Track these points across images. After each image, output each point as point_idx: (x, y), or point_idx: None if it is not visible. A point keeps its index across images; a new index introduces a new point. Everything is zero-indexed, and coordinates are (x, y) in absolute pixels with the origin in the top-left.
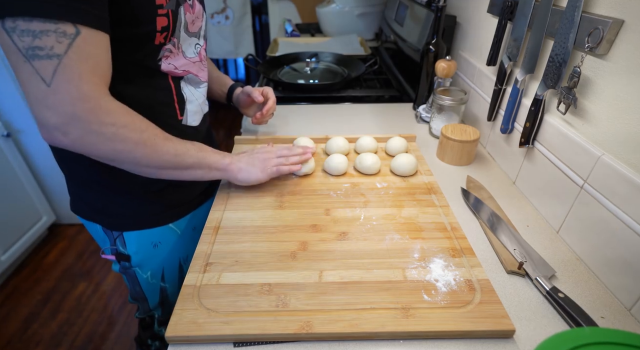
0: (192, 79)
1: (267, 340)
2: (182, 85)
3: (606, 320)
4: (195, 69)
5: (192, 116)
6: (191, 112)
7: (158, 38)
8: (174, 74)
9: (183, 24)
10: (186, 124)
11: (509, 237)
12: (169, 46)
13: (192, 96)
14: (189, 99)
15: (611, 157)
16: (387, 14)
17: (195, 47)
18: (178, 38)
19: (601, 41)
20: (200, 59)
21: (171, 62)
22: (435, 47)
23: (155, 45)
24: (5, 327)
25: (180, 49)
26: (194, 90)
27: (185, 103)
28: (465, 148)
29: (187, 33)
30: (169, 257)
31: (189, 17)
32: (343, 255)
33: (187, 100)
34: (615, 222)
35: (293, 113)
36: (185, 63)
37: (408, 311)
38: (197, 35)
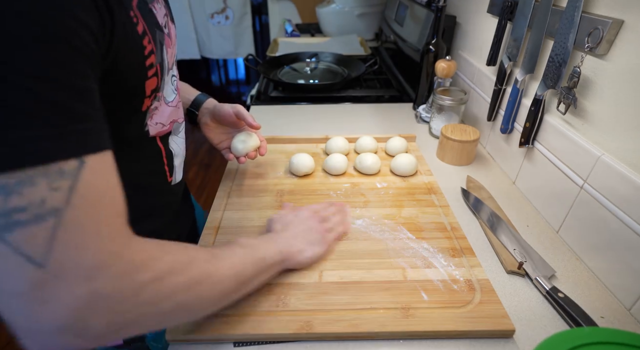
0: (176, 127)
1: (267, 340)
2: (169, 141)
3: (606, 320)
4: (177, 114)
5: (178, 172)
6: (178, 167)
7: (146, 103)
8: (161, 133)
9: (166, 67)
10: (175, 183)
11: (508, 237)
12: (154, 104)
13: (178, 147)
14: (175, 153)
15: (611, 157)
16: (387, 14)
17: (172, 82)
18: (163, 88)
19: (601, 41)
20: (178, 94)
21: (158, 120)
22: (435, 47)
23: (142, 112)
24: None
25: (162, 98)
26: (177, 139)
27: (173, 159)
28: (465, 148)
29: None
30: None
31: (170, 54)
32: (343, 255)
33: (174, 156)
34: (615, 222)
35: (293, 113)
36: (170, 112)
37: (408, 311)
38: (172, 66)
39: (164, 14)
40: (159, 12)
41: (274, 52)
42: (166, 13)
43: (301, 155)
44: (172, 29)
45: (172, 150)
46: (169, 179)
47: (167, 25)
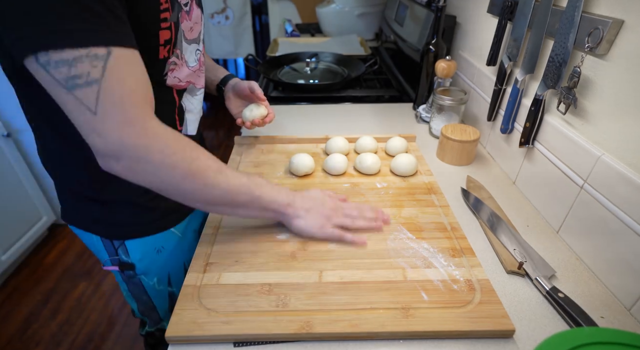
0: (192, 88)
1: (267, 340)
2: (184, 97)
3: (606, 320)
4: (194, 78)
5: (191, 125)
6: (190, 121)
7: (162, 52)
8: (178, 87)
9: (182, 34)
10: (185, 133)
11: (508, 237)
12: (173, 59)
13: (191, 105)
14: (188, 109)
15: (611, 157)
16: (387, 14)
17: (196, 54)
18: (181, 49)
19: (601, 41)
20: (200, 65)
21: (176, 75)
22: (435, 47)
23: (159, 59)
24: (6, 327)
25: (184, 60)
26: (192, 99)
27: (185, 113)
28: (465, 148)
29: (187, 41)
30: (174, 262)
31: (185, 25)
32: (343, 255)
33: (186, 110)
34: (615, 222)
35: (293, 113)
36: (188, 74)
37: (408, 311)
38: (197, 41)
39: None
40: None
41: (274, 52)
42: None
43: (301, 155)
44: (195, 11)
45: (184, 105)
46: (178, 128)
47: (190, 5)
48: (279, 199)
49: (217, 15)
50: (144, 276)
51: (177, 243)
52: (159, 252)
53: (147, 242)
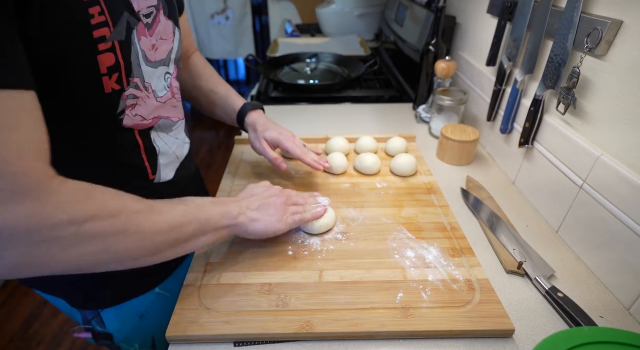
0: (164, 124)
1: (267, 340)
2: (153, 137)
3: (605, 319)
4: (166, 111)
5: (164, 170)
6: (163, 166)
7: (107, 84)
8: (140, 127)
9: (141, 56)
10: (159, 181)
11: (508, 237)
12: (131, 91)
13: (165, 145)
14: (162, 151)
15: (610, 157)
16: (386, 14)
17: (165, 79)
18: (140, 76)
19: (600, 41)
20: (172, 93)
21: (138, 111)
22: (435, 48)
23: (106, 94)
24: (7, 326)
25: (150, 89)
26: (167, 138)
27: (158, 157)
28: (464, 148)
29: (150, 64)
30: (160, 324)
31: (144, 43)
32: (343, 255)
33: (159, 153)
34: (614, 221)
35: (293, 113)
36: (155, 107)
37: (408, 311)
38: (166, 62)
39: (151, 4)
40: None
41: (274, 53)
42: (157, 6)
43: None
44: (162, 24)
45: (157, 147)
46: (150, 176)
47: (155, 17)
48: (226, 212)
49: (217, 15)
50: (124, 343)
51: (163, 303)
52: (142, 318)
53: (127, 309)
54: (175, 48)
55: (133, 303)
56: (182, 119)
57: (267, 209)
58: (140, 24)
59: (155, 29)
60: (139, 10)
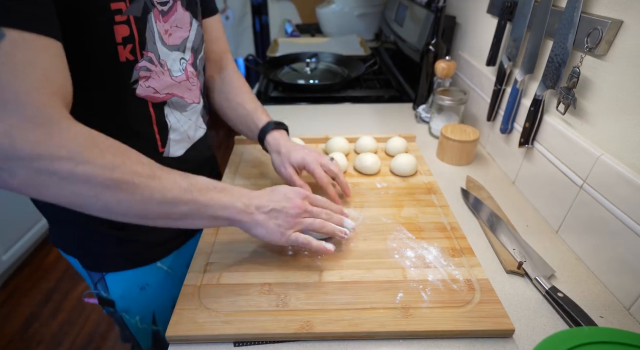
0: (177, 102)
1: (267, 340)
2: (166, 112)
3: (605, 319)
4: (180, 90)
5: (175, 146)
6: (174, 142)
7: (122, 53)
8: (154, 99)
9: (157, 35)
10: (168, 155)
11: (508, 237)
12: (144, 63)
13: (178, 123)
14: (174, 127)
15: (610, 157)
16: (386, 14)
17: (180, 63)
18: (155, 52)
19: (600, 41)
20: (187, 76)
21: (151, 84)
22: (435, 48)
23: (121, 62)
24: (7, 326)
25: (166, 67)
26: (179, 116)
27: (169, 132)
28: (464, 148)
29: (165, 46)
30: (160, 299)
31: (160, 26)
32: (343, 255)
33: (170, 128)
34: (614, 221)
35: (293, 113)
36: (170, 84)
37: (408, 311)
38: (181, 48)
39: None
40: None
41: (274, 53)
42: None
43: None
44: (178, 13)
45: (169, 122)
46: (160, 149)
47: (172, 6)
48: (230, 205)
49: None
50: (125, 313)
51: (164, 279)
52: (143, 289)
53: (129, 277)
54: (192, 37)
55: (136, 273)
56: (197, 102)
57: (277, 218)
58: (155, 10)
59: (171, 16)
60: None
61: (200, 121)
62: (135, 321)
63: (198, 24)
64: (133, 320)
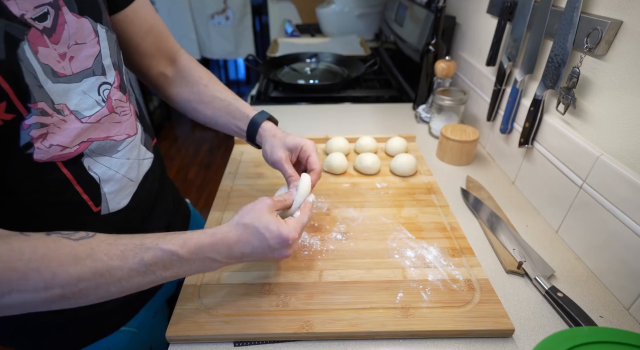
0: (100, 147)
1: (267, 340)
2: (87, 165)
3: (605, 319)
4: (102, 131)
5: (114, 199)
6: (112, 195)
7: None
8: (64, 158)
9: (41, 73)
10: (108, 212)
11: (508, 236)
12: (34, 119)
13: (110, 171)
14: (104, 178)
15: (610, 157)
16: (386, 14)
17: (101, 92)
18: (47, 98)
19: (600, 42)
20: (111, 108)
21: (52, 141)
22: (435, 48)
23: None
24: None
25: (67, 111)
26: (110, 161)
27: (100, 186)
28: (464, 148)
29: (63, 80)
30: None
31: (45, 55)
32: (343, 255)
33: (101, 182)
34: (613, 221)
35: (293, 113)
36: (80, 131)
37: (408, 311)
38: (97, 71)
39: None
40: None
41: (274, 53)
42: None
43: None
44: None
45: (95, 175)
46: (94, 209)
47: (54, 18)
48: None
49: (217, 15)
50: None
51: (131, 339)
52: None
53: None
54: (106, 50)
55: (96, 346)
56: (133, 134)
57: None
58: (32, 31)
59: (62, 33)
60: (22, 14)
61: (144, 152)
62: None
63: (106, 30)
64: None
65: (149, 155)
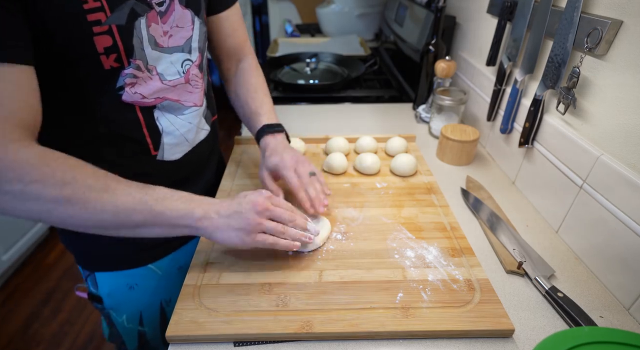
0: (170, 106)
1: (267, 340)
2: (157, 115)
3: (605, 319)
4: (175, 94)
5: (170, 150)
6: (169, 146)
7: (105, 62)
8: (141, 104)
9: (147, 40)
10: (162, 159)
11: (508, 236)
12: (131, 71)
13: (172, 126)
14: (167, 131)
15: (610, 157)
16: (386, 14)
17: (183, 65)
18: (144, 58)
19: (600, 41)
20: (188, 79)
21: (137, 90)
22: (435, 48)
23: (105, 70)
24: (7, 326)
25: (155, 72)
26: (174, 119)
27: (162, 135)
28: (464, 148)
29: (160, 49)
30: (149, 300)
31: (154, 29)
32: (343, 255)
33: (163, 132)
34: (614, 221)
35: (293, 113)
36: (159, 89)
37: (408, 311)
38: (185, 49)
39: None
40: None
41: (274, 53)
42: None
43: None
44: (177, 12)
45: (160, 126)
46: (152, 152)
47: (169, 5)
48: (188, 212)
49: None
50: (113, 311)
51: (155, 281)
52: (132, 289)
53: (118, 277)
54: (196, 36)
55: (125, 273)
56: (198, 105)
57: (238, 220)
58: (152, 12)
59: (169, 17)
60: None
61: (203, 123)
62: (122, 320)
63: (200, 22)
64: (120, 318)
65: (207, 128)
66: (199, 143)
